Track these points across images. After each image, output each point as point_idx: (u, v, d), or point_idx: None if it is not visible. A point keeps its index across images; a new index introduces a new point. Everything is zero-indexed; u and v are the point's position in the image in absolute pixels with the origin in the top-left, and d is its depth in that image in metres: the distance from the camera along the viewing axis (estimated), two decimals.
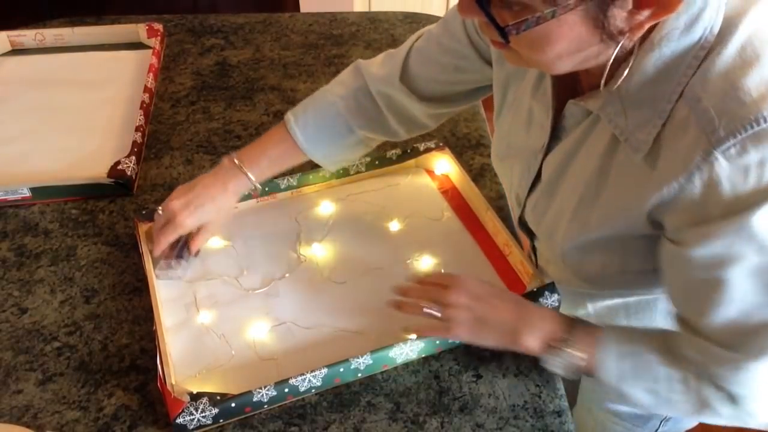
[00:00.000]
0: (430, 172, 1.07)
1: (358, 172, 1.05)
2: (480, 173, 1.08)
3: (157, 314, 0.81)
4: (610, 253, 0.71)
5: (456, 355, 0.82)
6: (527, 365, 0.81)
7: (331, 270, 0.91)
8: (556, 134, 0.73)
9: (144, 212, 0.95)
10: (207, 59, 1.36)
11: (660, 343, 0.69)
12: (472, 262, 0.92)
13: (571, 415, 0.77)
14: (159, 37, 1.35)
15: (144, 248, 0.91)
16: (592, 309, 0.88)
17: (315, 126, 0.89)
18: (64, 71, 1.30)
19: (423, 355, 0.80)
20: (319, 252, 0.93)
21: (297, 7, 2.22)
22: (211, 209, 0.88)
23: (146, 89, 1.20)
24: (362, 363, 0.76)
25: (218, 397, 0.72)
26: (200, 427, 0.72)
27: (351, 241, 0.95)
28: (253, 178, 0.89)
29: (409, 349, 0.78)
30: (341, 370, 0.75)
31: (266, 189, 0.99)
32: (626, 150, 0.64)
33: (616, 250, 0.71)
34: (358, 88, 0.90)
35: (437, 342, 0.79)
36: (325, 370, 0.74)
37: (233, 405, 0.72)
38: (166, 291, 0.88)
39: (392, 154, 1.05)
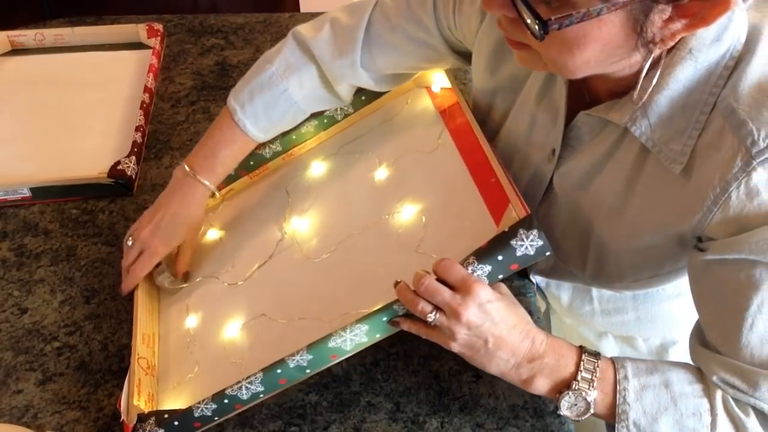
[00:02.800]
0: (428, 89, 0.95)
1: (346, 116, 0.95)
2: None
3: (135, 329, 0.80)
4: (641, 263, 0.70)
5: (456, 356, 0.81)
6: None
7: (310, 245, 0.86)
8: (566, 143, 0.71)
9: None
10: (207, 59, 1.36)
11: (685, 372, 0.64)
12: (461, 196, 0.80)
13: None
14: (159, 37, 1.35)
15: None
16: (597, 302, 0.86)
17: (267, 117, 0.85)
18: (64, 71, 1.30)
19: (378, 336, 0.69)
20: (301, 226, 0.89)
21: (297, 7, 2.22)
22: (180, 227, 0.85)
23: (146, 89, 1.20)
24: (301, 360, 0.68)
25: (165, 416, 0.70)
26: None
27: (332, 207, 0.90)
28: (210, 185, 0.86)
29: (351, 336, 0.68)
30: (279, 371, 0.69)
31: (251, 163, 0.96)
32: (655, 163, 0.63)
33: (647, 261, 0.69)
34: (312, 73, 0.84)
35: (384, 319, 0.68)
36: (260, 375, 0.69)
37: (176, 423, 0.70)
38: (165, 299, 0.89)
39: None
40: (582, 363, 0.64)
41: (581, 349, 0.66)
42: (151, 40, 1.35)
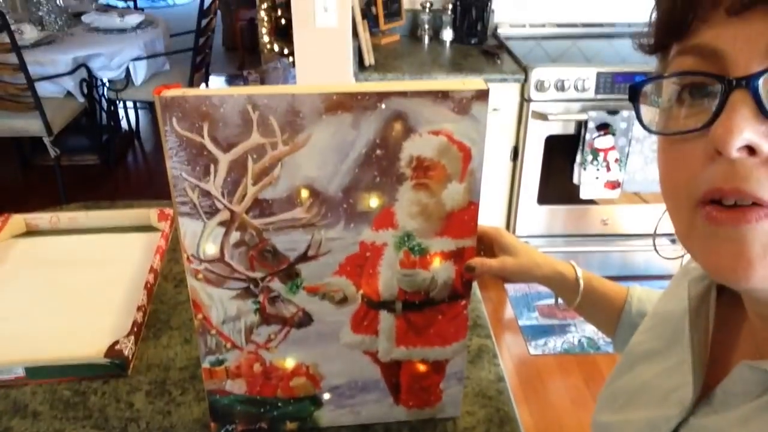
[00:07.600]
0: None
1: None
2: None
3: None
4: None
5: None
6: None
7: None
8: (707, 400, 0.54)
9: None
10: None
11: None
12: None
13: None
14: (169, 221, 1.40)
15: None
16: None
17: None
18: (75, 251, 1.34)
19: None
20: None
21: None
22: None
23: (152, 269, 1.23)
24: None
25: None
26: None
27: None
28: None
29: None
30: None
31: None
32: None
33: None
34: None
35: None
36: None
37: None
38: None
39: None
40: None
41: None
42: (161, 223, 1.41)
